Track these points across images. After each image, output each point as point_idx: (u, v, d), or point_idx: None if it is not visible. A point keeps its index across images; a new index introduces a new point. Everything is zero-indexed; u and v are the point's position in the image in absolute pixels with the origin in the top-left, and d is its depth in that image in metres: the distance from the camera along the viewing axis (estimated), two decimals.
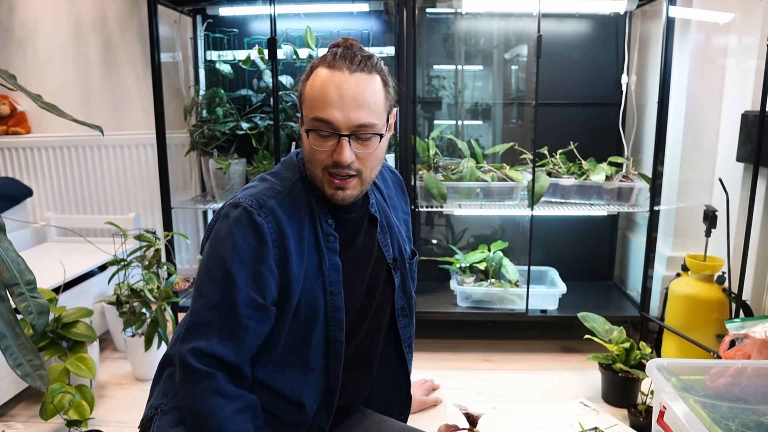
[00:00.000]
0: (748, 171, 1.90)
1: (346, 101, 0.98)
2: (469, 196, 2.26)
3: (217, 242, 1.02)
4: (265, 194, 1.06)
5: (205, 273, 1.02)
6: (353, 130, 1.00)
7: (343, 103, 0.98)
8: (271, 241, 1.02)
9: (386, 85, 1.05)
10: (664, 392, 1.26)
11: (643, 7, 2.33)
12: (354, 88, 0.99)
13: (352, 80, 0.99)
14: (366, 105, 0.99)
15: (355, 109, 0.99)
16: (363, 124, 1.00)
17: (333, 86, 0.99)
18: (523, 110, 2.56)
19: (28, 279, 0.85)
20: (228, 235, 1.01)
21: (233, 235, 1.01)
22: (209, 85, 2.58)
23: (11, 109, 2.74)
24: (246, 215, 1.02)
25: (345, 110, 0.98)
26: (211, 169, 2.40)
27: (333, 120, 0.99)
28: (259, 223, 1.01)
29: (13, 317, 0.82)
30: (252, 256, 1.00)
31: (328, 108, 0.99)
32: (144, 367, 2.04)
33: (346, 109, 0.98)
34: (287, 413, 1.10)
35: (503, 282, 2.27)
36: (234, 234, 1.01)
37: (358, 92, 0.99)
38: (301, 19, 2.43)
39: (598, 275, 2.66)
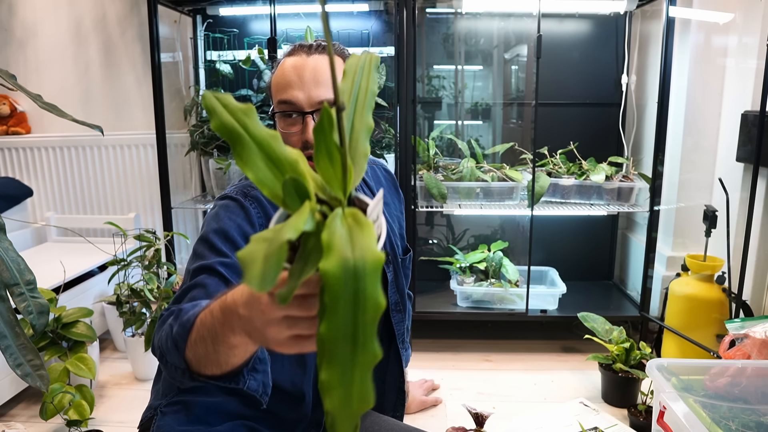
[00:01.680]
0: (748, 171, 1.90)
1: (305, 81, 1.02)
2: (469, 196, 2.26)
3: (204, 226, 1.03)
4: (249, 185, 1.07)
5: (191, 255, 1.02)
6: (316, 107, 1.03)
7: (303, 83, 1.02)
8: (258, 225, 1.02)
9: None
10: (664, 392, 1.26)
11: (643, 7, 2.33)
12: (312, 68, 1.03)
13: (310, 61, 1.03)
14: (325, 82, 1.03)
15: (315, 87, 1.02)
16: (325, 99, 1.02)
17: (292, 69, 1.03)
18: (523, 110, 2.56)
19: (28, 279, 0.85)
20: (214, 217, 1.02)
21: (219, 216, 1.01)
22: (209, 85, 2.58)
23: (11, 109, 2.74)
24: (232, 201, 1.03)
25: (306, 89, 1.02)
26: (211, 169, 2.40)
27: (295, 100, 1.02)
28: (246, 206, 1.02)
29: (13, 317, 0.82)
30: (239, 233, 0.99)
31: (289, 89, 1.03)
32: (144, 367, 2.04)
33: (306, 88, 1.02)
34: (288, 409, 1.10)
35: (503, 282, 2.28)
36: (220, 215, 1.01)
37: (317, 71, 1.03)
38: (301, 19, 2.43)
39: (598, 275, 2.66)
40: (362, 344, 0.40)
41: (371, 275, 0.40)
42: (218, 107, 0.51)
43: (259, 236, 0.42)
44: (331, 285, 0.39)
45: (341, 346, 0.40)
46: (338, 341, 0.40)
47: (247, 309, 0.57)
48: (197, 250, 0.99)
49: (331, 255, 0.40)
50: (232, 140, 0.50)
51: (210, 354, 0.71)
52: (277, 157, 0.51)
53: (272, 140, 0.51)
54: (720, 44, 2.08)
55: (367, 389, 0.41)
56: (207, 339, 0.70)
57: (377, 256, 0.40)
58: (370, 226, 0.43)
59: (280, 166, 0.51)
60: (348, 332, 0.40)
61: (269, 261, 0.39)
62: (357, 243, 0.41)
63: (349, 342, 0.40)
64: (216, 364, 0.72)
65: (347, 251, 0.40)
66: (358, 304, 0.39)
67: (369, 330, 0.40)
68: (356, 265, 0.39)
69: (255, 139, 0.51)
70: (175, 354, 0.77)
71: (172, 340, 0.77)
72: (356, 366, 0.40)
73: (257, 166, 0.50)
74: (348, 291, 0.39)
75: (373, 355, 0.40)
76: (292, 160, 0.51)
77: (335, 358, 0.40)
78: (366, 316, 0.40)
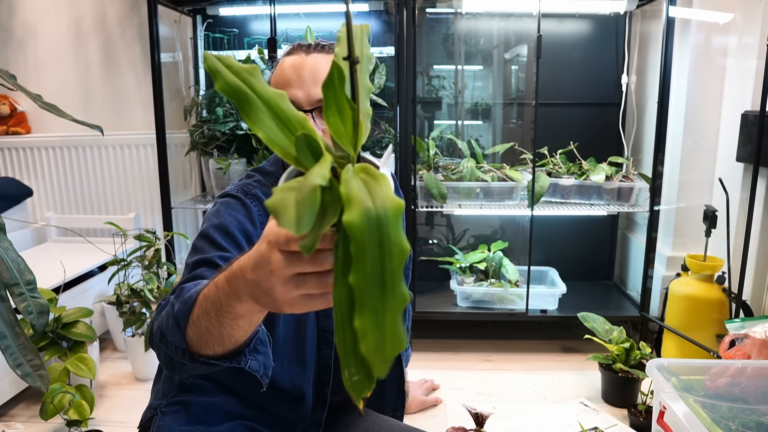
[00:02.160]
0: (748, 171, 1.90)
1: (304, 80, 1.02)
2: (469, 196, 2.26)
3: (204, 222, 1.02)
4: (250, 185, 1.07)
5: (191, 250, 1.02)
6: (315, 105, 1.03)
7: (302, 81, 1.02)
8: (259, 222, 1.02)
9: None
10: (664, 392, 1.26)
11: (643, 7, 2.33)
12: (311, 66, 1.03)
13: (309, 60, 1.03)
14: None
15: (314, 85, 1.02)
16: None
17: (291, 68, 1.03)
18: (523, 110, 2.56)
19: (28, 279, 0.85)
20: (215, 213, 1.02)
21: (219, 212, 1.01)
22: (209, 85, 2.58)
23: (11, 109, 2.73)
24: (233, 199, 1.03)
25: (305, 88, 1.02)
26: (211, 169, 2.40)
27: (294, 98, 1.02)
28: (247, 204, 1.03)
29: (13, 317, 0.82)
30: (239, 230, 0.99)
31: (287, 88, 1.02)
32: (144, 367, 2.04)
33: (305, 87, 1.02)
34: (288, 408, 1.10)
35: (503, 282, 2.27)
36: (221, 211, 1.01)
37: (316, 69, 1.03)
38: (301, 19, 2.43)
39: (598, 275, 2.66)
40: (391, 288, 0.41)
41: (393, 221, 0.41)
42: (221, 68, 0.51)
43: (284, 186, 0.42)
44: (357, 235, 0.40)
45: (371, 292, 0.41)
46: (368, 288, 0.41)
47: (256, 272, 0.56)
48: (197, 245, 0.98)
49: (353, 206, 0.41)
50: (239, 100, 0.50)
51: (213, 328, 0.70)
52: (285, 116, 0.51)
53: (279, 99, 0.52)
54: (720, 44, 2.08)
55: (399, 331, 0.42)
56: (211, 312, 0.69)
57: (397, 202, 0.42)
58: (384, 176, 0.45)
59: (289, 125, 0.51)
60: (377, 279, 0.41)
61: (303, 205, 0.40)
62: (375, 193, 0.42)
63: (379, 288, 0.41)
64: (218, 339, 0.71)
65: (368, 201, 0.41)
66: (384, 250, 0.41)
67: (396, 274, 0.41)
68: (378, 214, 0.41)
69: (262, 98, 0.51)
70: (176, 332, 0.76)
71: (174, 318, 0.76)
72: (387, 310, 0.42)
73: (266, 125, 0.50)
74: (373, 239, 0.40)
75: (403, 298, 0.42)
76: (301, 118, 0.52)
77: (367, 304, 0.41)
78: (393, 261, 0.41)
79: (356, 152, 0.50)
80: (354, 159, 0.50)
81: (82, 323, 1.79)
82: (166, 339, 0.78)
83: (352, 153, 0.50)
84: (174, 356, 0.78)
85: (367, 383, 0.48)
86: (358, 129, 0.49)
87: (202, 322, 0.71)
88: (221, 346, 0.72)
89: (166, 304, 0.83)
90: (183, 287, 0.80)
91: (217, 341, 0.72)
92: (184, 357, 0.76)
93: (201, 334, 0.72)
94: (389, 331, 0.42)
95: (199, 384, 1.08)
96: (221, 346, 0.72)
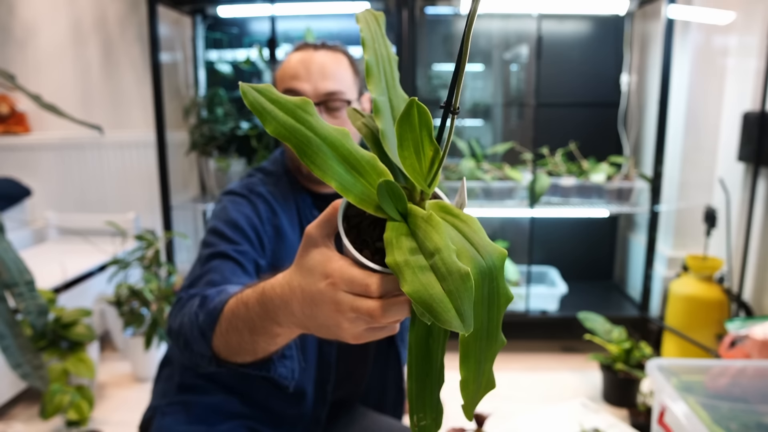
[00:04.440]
0: (748, 171, 1.90)
1: (312, 73, 1.03)
2: (469, 196, 2.25)
3: (212, 219, 1.04)
4: (254, 183, 1.09)
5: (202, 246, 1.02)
6: (322, 99, 1.03)
7: (310, 75, 1.03)
8: (266, 219, 1.03)
9: (353, 66, 1.10)
10: (665, 392, 1.26)
11: (643, 8, 2.33)
12: (320, 62, 1.03)
13: (317, 55, 1.04)
14: (332, 75, 1.03)
15: (322, 80, 1.03)
16: (331, 91, 1.03)
17: (300, 63, 1.04)
18: (523, 110, 2.56)
19: (27, 279, 0.85)
20: (222, 210, 1.03)
21: (227, 209, 1.02)
22: (209, 85, 2.58)
23: (11, 109, 2.73)
24: (239, 196, 1.05)
25: (312, 81, 1.03)
26: (211, 169, 2.40)
27: (302, 90, 1.03)
28: (253, 201, 1.04)
29: (12, 317, 0.82)
30: (248, 224, 1.00)
31: (295, 80, 1.03)
32: (144, 367, 2.04)
33: (313, 80, 1.03)
34: (288, 407, 1.09)
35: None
36: (228, 207, 1.03)
37: (324, 64, 1.04)
38: (301, 20, 2.43)
39: (598, 275, 2.66)
40: (495, 336, 0.41)
41: (500, 272, 0.40)
42: (268, 106, 0.44)
43: (404, 262, 0.40)
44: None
45: (478, 345, 0.41)
46: (476, 342, 0.41)
47: (313, 308, 0.53)
48: (208, 240, 0.99)
49: (465, 263, 0.40)
50: (300, 144, 0.44)
51: (245, 344, 0.69)
52: (354, 158, 0.46)
53: (344, 138, 0.46)
54: (720, 44, 2.08)
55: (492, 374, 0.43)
56: (243, 330, 0.68)
57: (502, 252, 0.41)
58: (473, 219, 0.43)
59: (359, 168, 0.46)
60: (483, 330, 0.41)
61: (463, 300, 0.38)
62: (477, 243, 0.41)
63: (485, 339, 0.41)
64: (251, 353, 0.71)
65: (476, 255, 0.40)
66: (492, 301, 0.40)
67: (498, 323, 0.41)
68: (489, 267, 0.40)
69: (326, 140, 0.45)
70: (201, 343, 0.75)
71: (198, 329, 0.76)
72: (489, 358, 0.42)
73: (336, 171, 0.45)
74: (484, 293, 0.40)
75: (502, 343, 0.41)
76: (370, 158, 0.47)
77: (473, 356, 0.41)
78: (499, 311, 0.41)
79: (431, 190, 0.47)
80: (429, 195, 0.47)
81: (82, 323, 1.79)
82: (192, 347, 0.78)
83: (426, 190, 0.46)
84: (200, 363, 0.78)
85: (434, 427, 0.47)
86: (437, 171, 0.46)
87: (232, 336, 0.71)
88: (252, 357, 0.72)
89: (187, 301, 0.83)
90: (206, 296, 0.80)
91: (248, 354, 0.71)
92: (210, 364, 0.77)
93: (231, 346, 0.72)
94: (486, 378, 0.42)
95: (199, 384, 1.08)
96: (252, 356, 0.72)
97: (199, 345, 0.76)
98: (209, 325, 0.74)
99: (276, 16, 2.16)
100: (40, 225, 2.65)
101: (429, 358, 0.45)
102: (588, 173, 2.26)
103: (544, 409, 1.79)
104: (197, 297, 0.82)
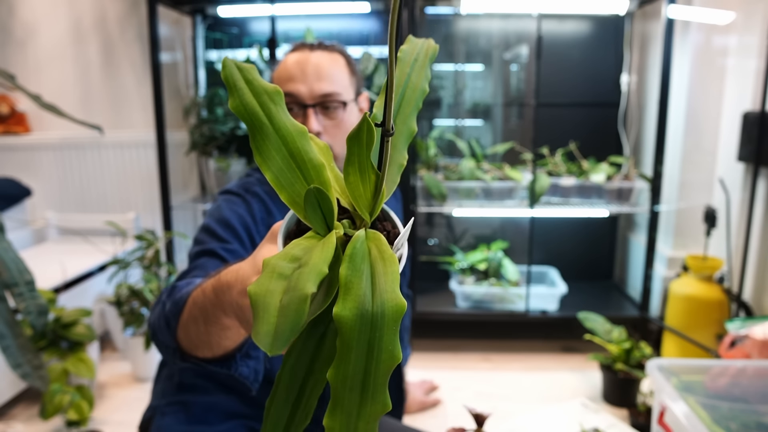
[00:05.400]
0: (748, 171, 1.90)
1: (308, 74, 1.03)
2: (469, 196, 2.25)
3: (206, 217, 1.04)
4: (250, 182, 1.09)
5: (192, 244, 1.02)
6: (318, 100, 1.03)
7: (305, 76, 1.03)
8: (259, 218, 1.04)
9: (350, 65, 1.10)
10: (665, 392, 1.26)
11: (643, 8, 2.33)
12: (315, 62, 1.03)
13: (313, 56, 1.04)
14: (328, 76, 1.03)
15: (318, 80, 1.03)
16: (326, 93, 1.03)
17: (296, 64, 1.04)
18: (523, 110, 2.56)
19: (27, 279, 0.85)
20: (216, 208, 1.04)
21: (220, 207, 1.03)
22: (209, 85, 2.58)
23: (11, 109, 2.73)
24: (234, 196, 1.05)
25: (308, 82, 1.03)
26: (211, 169, 2.40)
27: (297, 92, 1.03)
28: (248, 200, 1.04)
29: (12, 317, 0.82)
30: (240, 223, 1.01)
31: (291, 82, 1.03)
32: (144, 367, 2.04)
33: (309, 82, 1.03)
34: None
35: (503, 282, 2.27)
36: (222, 206, 1.03)
37: (320, 65, 1.04)
38: (301, 20, 2.43)
39: (598, 275, 2.66)
40: (372, 395, 0.37)
41: (390, 326, 0.36)
42: (240, 83, 0.44)
43: (274, 270, 0.37)
44: (345, 332, 0.35)
45: (348, 395, 0.36)
46: (346, 390, 0.36)
47: (243, 298, 0.54)
48: (198, 238, 1.00)
49: (349, 299, 0.36)
50: (252, 127, 0.44)
51: (201, 335, 0.68)
52: (301, 159, 0.45)
53: (299, 137, 0.45)
54: (720, 44, 2.08)
55: None
56: (199, 319, 0.67)
57: (399, 304, 0.36)
58: (394, 263, 0.39)
59: (303, 169, 0.45)
60: (357, 382, 0.36)
61: (286, 316, 0.34)
62: (378, 286, 0.37)
63: (358, 392, 0.36)
64: (207, 346, 0.70)
65: (367, 298, 0.36)
66: (372, 355, 0.36)
67: (381, 381, 0.36)
68: (374, 315, 0.36)
69: (279, 131, 0.44)
70: (166, 333, 0.75)
71: (164, 319, 0.75)
72: (362, 416, 0.37)
73: (276, 163, 0.44)
74: (362, 340, 0.36)
75: (383, 407, 0.37)
76: (318, 164, 0.45)
77: (340, 405, 0.37)
78: (379, 367, 0.36)
79: (371, 219, 0.44)
80: (368, 224, 0.44)
81: (82, 323, 1.79)
82: (158, 338, 0.78)
83: (367, 218, 0.44)
84: (166, 355, 0.78)
85: None
86: (379, 197, 0.43)
87: (191, 327, 0.70)
88: (210, 351, 0.71)
89: (161, 300, 0.83)
90: (176, 286, 0.80)
91: (206, 346, 0.70)
92: (174, 357, 0.76)
93: (191, 338, 0.72)
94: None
95: (198, 383, 1.08)
96: (210, 351, 0.71)
97: (164, 335, 0.75)
98: (174, 314, 0.73)
99: (276, 16, 2.16)
100: (40, 225, 2.65)
101: (302, 391, 0.41)
102: (588, 173, 2.26)
103: (544, 409, 1.79)
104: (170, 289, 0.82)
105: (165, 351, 0.77)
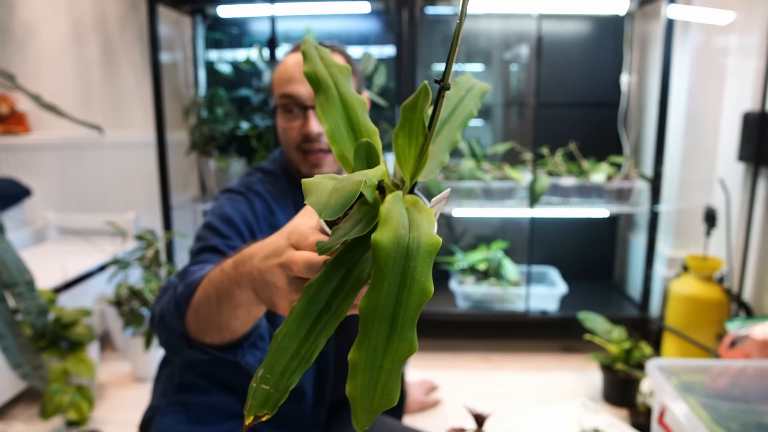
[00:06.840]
0: (748, 171, 1.90)
1: None
2: (469, 196, 2.25)
3: (208, 215, 1.05)
4: (252, 181, 1.10)
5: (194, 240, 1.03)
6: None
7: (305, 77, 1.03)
8: (261, 216, 1.04)
9: (350, 64, 1.09)
10: (665, 392, 1.26)
11: (643, 8, 2.33)
12: None
13: None
14: None
15: None
16: None
17: (295, 65, 1.05)
18: (523, 110, 2.56)
19: (27, 279, 0.85)
20: (218, 206, 1.04)
21: (223, 205, 1.04)
22: (209, 85, 2.58)
23: (11, 109, 2.73)
24: (236, 194, 1.06)
25: (307, 84, 1.03)
26: (211, 169, 2.40)
27: (297, 93, 1.03)
28: (250, 199, 1.05)
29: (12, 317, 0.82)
30: (242, 220, 1.01)
31: (290, 84, 1.04)
32: (144, 367, 2.04)
33: (308, 83, 1.03)
34: (287, 406, 1.09)
35: (503, 282, 2.27)
36: (224, 204, 1.04)
37: None
38: (301, 20, 2.43)
39: (598, 275, 2.66)
40: (399, 330, 0.37)
41: (424, 258, 0.37)
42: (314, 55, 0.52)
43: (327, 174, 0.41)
44: (381, 259, 0.36)
45: (377, 327, 0.37)
46: (375, 321, 0.37)
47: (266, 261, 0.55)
48: (200, 235, 1.00)
49: (387, 227, 0.37)
50: (319, 89, 0.50)
51: (212, 314, 0.69)
52: (357, 123, 0.51)
53: (358, 105, 0.51)
54: (720, 44, 2.08)
55: (393, 383, 0.37)
56: (212, 297, 0.68)
57: (434, 240, 0.38)
58: (430, 212, 0.41)
59: (357, 131, 0.50)
60: (387, 313, 0.37)
61: (339, 193, 0.37)
62: (415, 222, 0.39)
63: (387, 324, 0.37)
64: (216, 327, 0.70)
65: (404, 229, 0.38)
66: (405, 285, 0.37)
67: (411, 315, 0.37)
68: (410, 244, 0.37)
69: (342, 95, 0.51)
70: (174, 316, 0.75)
71: (175, 300, 0.76)
72: (388, 354, 0.37)
73: (335, 120, 0.50)
74: (397, 269, 0.36)
75: (409, 347, 0.37)
76: (371, 130, 0.51)
77: (368, 338, 0.37)
78: (411, 299, 0.37)
79: (413, 181, 0.46)
80: (407, 188, 0.46)
81: (82, 323, 1.79)
82: (165, 322, 0.78)
83: (407, 181, 0.47)
84: (171, 339, 0.77)
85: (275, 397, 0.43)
86: (423, 158, 0.46)
87: (202, 306, 0.71)
88: (219, 335, 0.72)
89: (169, 287, 0.83)
90: (188, 270, 0.81)
91: (215, 329, 0.71)
92: (180, 341, 0.76)
93: (200, 320, 0.72)
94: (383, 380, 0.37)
95: (199, 383, 1.08)
96: (219, 335, 0.71)
97: (173, 319, 0.75)
98: (185, 296, 0.74)
99: (276, 16, 2.16)
100: (40, 225, 2.65)
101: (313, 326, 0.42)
102: (588, 173, 2.26)
103: (544, 409, 1.79)
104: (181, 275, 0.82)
105: (171, 336, 0.77)
